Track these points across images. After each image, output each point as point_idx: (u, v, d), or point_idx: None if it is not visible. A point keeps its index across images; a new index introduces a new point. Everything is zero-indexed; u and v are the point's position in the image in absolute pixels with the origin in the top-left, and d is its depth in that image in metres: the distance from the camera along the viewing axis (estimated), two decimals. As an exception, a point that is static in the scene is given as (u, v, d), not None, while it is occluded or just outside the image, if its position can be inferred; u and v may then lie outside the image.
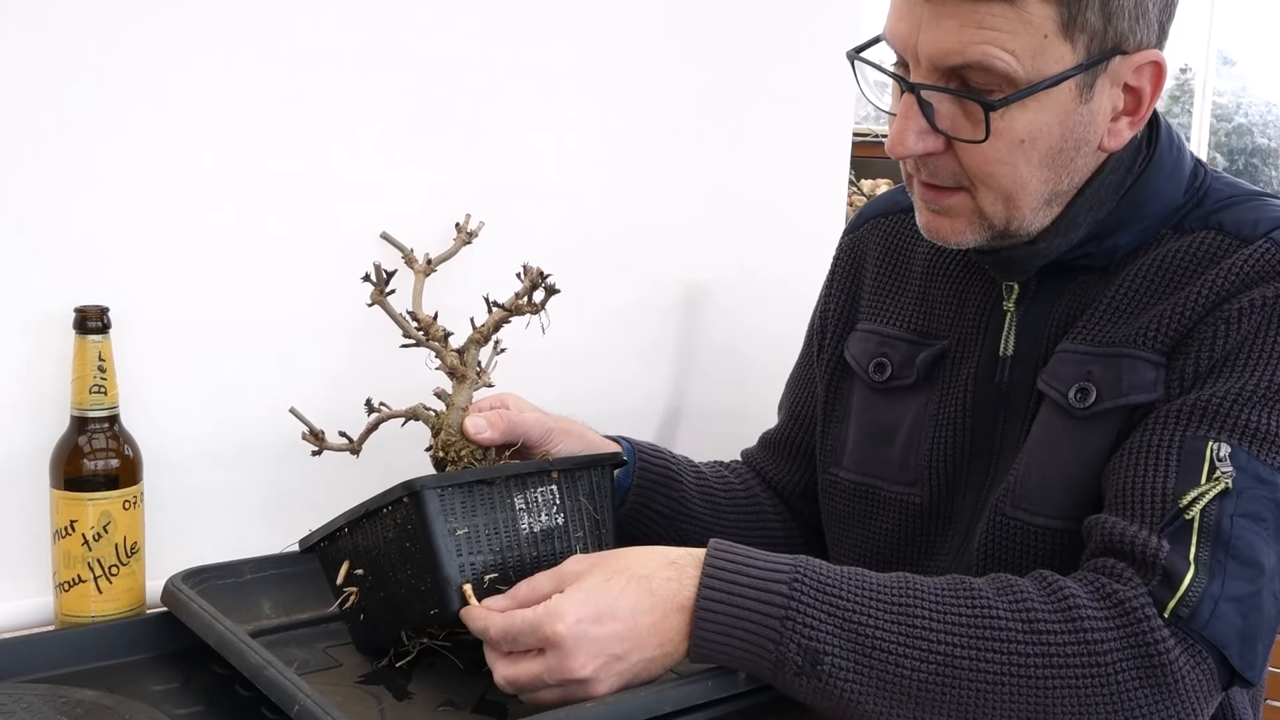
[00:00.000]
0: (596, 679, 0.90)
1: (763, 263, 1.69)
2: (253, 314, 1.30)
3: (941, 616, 0.91)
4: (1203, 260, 1.02)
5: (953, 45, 0.95)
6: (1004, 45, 0.94)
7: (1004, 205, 1.02)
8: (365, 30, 1.33)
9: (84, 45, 1.17)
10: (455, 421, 1.11)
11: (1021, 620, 0.90)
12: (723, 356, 1.67)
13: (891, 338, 1.20)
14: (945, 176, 1.03)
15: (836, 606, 0.90)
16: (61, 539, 1.11)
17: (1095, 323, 1.05)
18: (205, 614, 1.02)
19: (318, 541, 1.07)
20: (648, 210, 1.59)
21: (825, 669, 0.89)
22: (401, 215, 1.34)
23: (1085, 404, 1.02)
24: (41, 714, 0.94)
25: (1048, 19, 0.94)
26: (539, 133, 1.47)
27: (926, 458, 1.14)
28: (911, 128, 1.00)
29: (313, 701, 0.86)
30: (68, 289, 1.16)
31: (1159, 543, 0.91)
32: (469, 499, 0.99)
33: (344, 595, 1.05)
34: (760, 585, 0.91)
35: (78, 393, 1.11)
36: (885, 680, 0.89)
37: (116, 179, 1.21)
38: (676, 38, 1.58)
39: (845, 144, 1.80)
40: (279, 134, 1.29)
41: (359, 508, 1.02)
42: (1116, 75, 0.99)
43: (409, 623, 1.02)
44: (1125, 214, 1.05)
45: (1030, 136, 0.98)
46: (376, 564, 1.02)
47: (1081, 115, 0.99)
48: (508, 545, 1.01)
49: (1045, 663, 0.89)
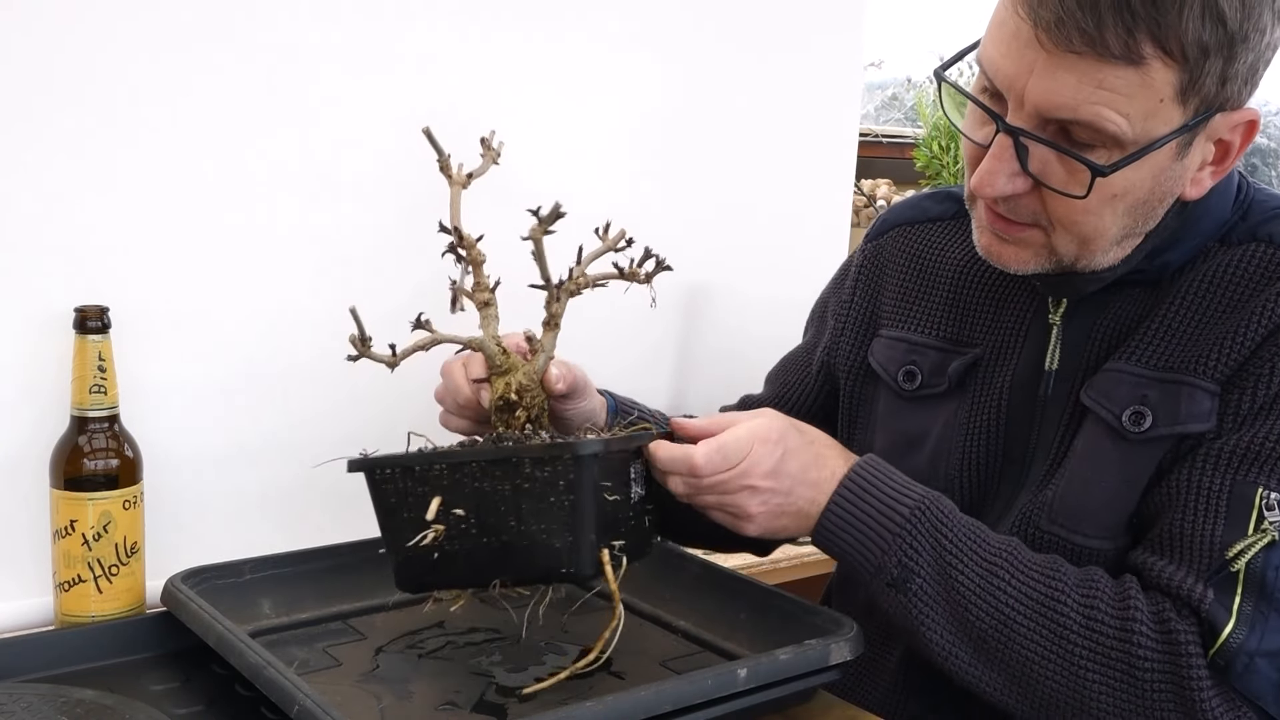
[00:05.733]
0: (763, 497, 1.00)
1: (767, 264, 1.69)
2: (253, 314, 1.30)
3: (1019, 585, 0.99)
4: (1256, 276, 1.02)
5: (1066, 100, 0.92)
6: (1119, 108, 0.91)
7: (1078, 246, 1.01)
8: (368, 31, 1.33)
9: (84, 46, 1.17)
10: (540, 369, 1.06)
11: (1083, 613, 0.97)
12: (725, 357, 1.67)
13: (921, 345, 1.19)
14: (1024, 214, 1.01)
15: (940, 544, 1.00)
16: (61, 539, 1.11)
17: (1150, 343, 1.04)
18: (205, 614, 1.01)
19: (386, 469, 0.97)
20: (651, 212, 1.59)
21: (913, 588, 1.00)
22: (402, 216, 1.35)
23: (1140, 429, 1.01)
24: (41, 714, 0.94)
25: (1168, 84, 0.91)
26: (541, 135, 1.47)
27: (958, 466, 1.13)
28: (1004, 170, 0.97)
29: (312, 701, 0.86)
30: (68, 289, 1.16)
31: (1204, 591, 0.95)
32: (614, 464, 0.98)
33: (423, 533, 0.95)
34: (890, 499, 1.01)
35: (78, 393, 1.11)
36: (955, 617, 0.99)
37: (117, 179, 1.21)
38: (682, 40, 1.58)
39: (851, 146, 1.79)
40: (279, 134, 1.29)
41: (477, 452, 0.96)
42: (1214, 131, 0.97)
43: (520, 575, 0.97)
44: (1180, 232, 1.04)
45: (1124, 192, 0.97)
46: (489, 509, 0.95)
47: (1174, 170, 0.98)
48: (627, 514, 1.00)
49: (1090, 657, 0.96)
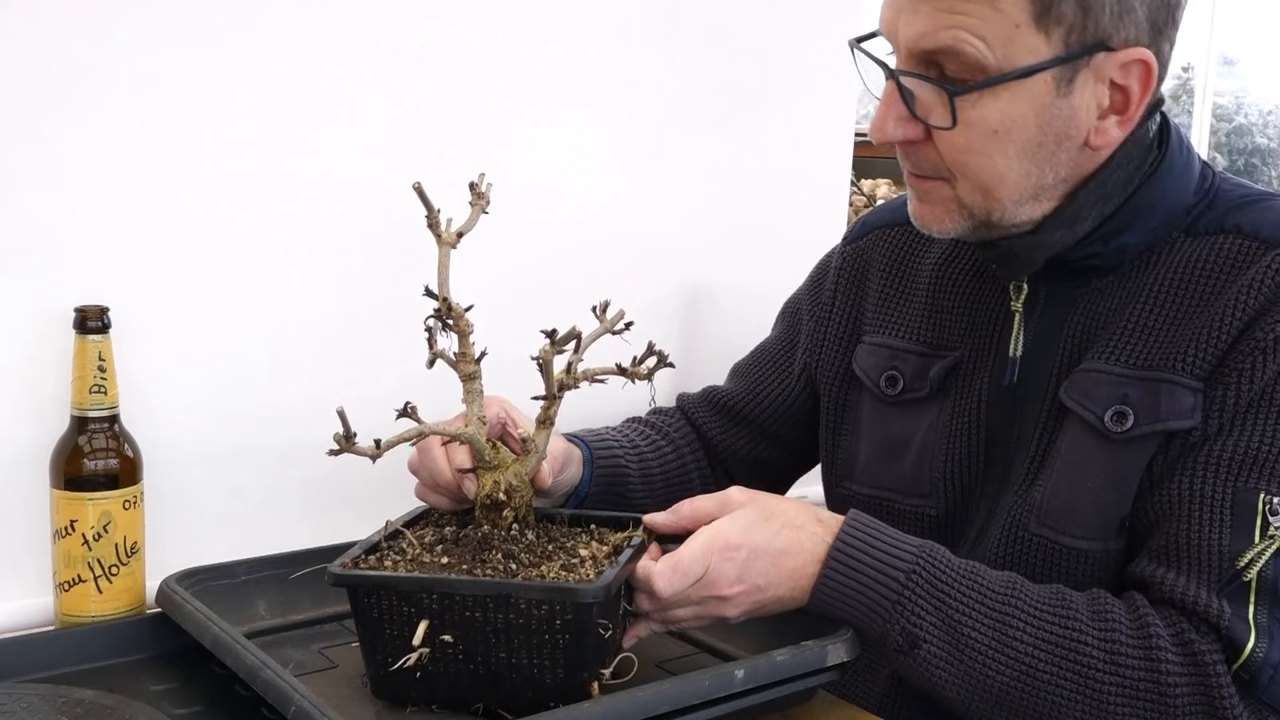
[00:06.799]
0: (736, 601, 0.98)
1: (765, 264, 1.68)
2: (253, 314, 1.30)
3: (1035, 630, 0.96)
4: (1227, 267, 1.02)
5: (926, 29, 0.97)
6: (974, 31, 0.95)
7: (982, 196, 1.03)
8: (367, 31, 1.33)
9: (84, 45, 1.17)
10: (532, 469, 1.02)
11: (1105, 648, 0.95)
12: (722, 358, 1.67)
13: (902, 350, 1.19)
14: (926, 166, 1.04)
15: (943, 602, 0.97)
16: (61, 539, 1.11)
17: (1126, 340, 1.04)
18: (200, 615, 1.01)
19: (371, 586, 0.93)
20: (650, 212, 1.59)
21: (921, 654, 0.97)
22: (403, 217, 1.34)
23: (1122, 428, 1.01)
24: (41, 714, 0.94)
25: (1019, 8, 0.95)
26: (540, 135, 1.47)
27: (941, 469, 1.14)
28: (891, 114, 1.02)
29: (309, 703, 0.86)
30: (68, 289, 1.16)
31: (1220, 605, 0.95)
32: (611, 600, 0.94)
33: (406, 656, 0.92)
34: (882, 564, 0.98)
35: (78, 393, 1.11)
36: (972, 676, 0.96)
37: (116, 179, 1.21)
38: (679, 39, 1.58)
39: (847, 145, 1.79)
40: (280, 135, 1.29)
41: (472, 584, 0.91)
42: (1100, 72, 0.98)
43: (506, 702, 0.94)
44: (1134, 213, 1.05)
45: (1004, 127, 0.98)
46: (478, 639, 0.92)
47: (1060, 110, 0.99)
48: (617, 636, 0.98)
49: (1119, 691, 0.94)
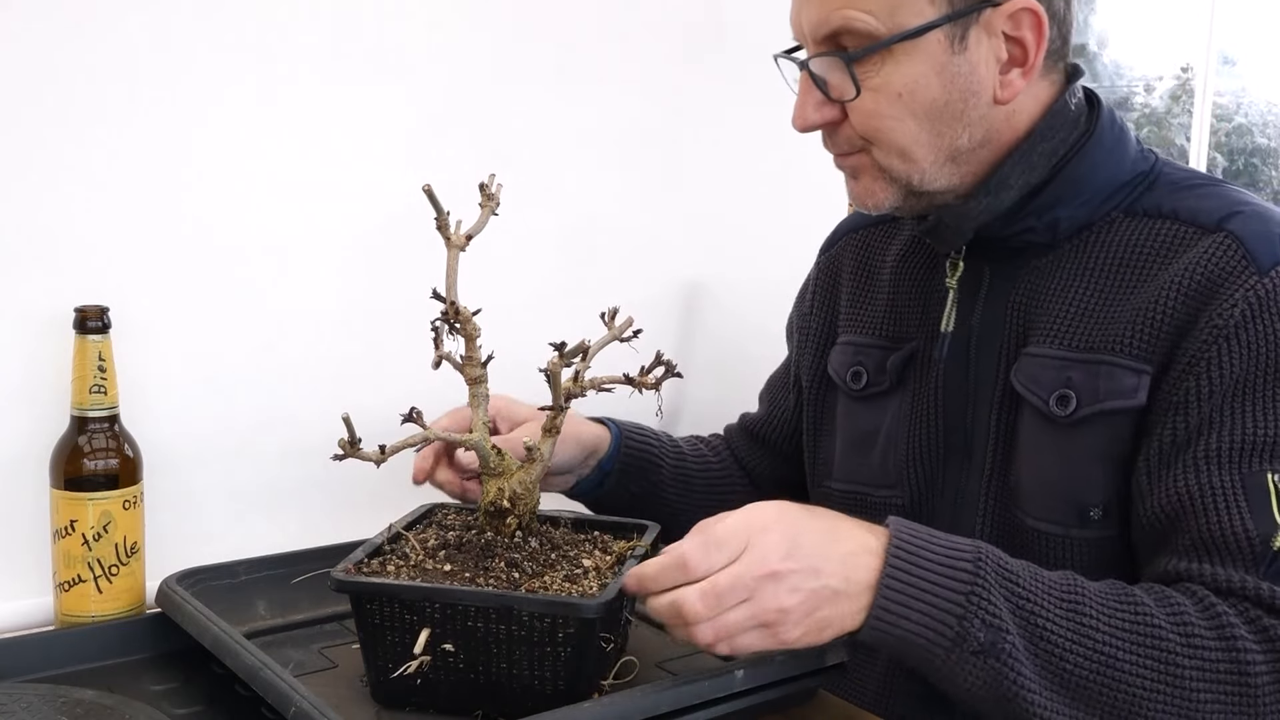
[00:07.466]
0: (786, 589, 0.87)
1: (764, 262, 1.68)
2: (253, 314, 1.30)
3: (1108, 619, 0.92)
4: (1162, 250, 1.04)
5: (820, 16, 1.03)
6: (860, 6, 1.00)
7: (900, 159, 1.05)
8: (365, 32, 1.33)
9: (84, 45, 1.17)
10: (537, 478, 1.01)
11: (1180, 633, 0.92)
12: (723, 356, 1.67)
13: (865, 346, 1.22)
14: (844, 143, 1.08)
15: (1014, 592, 0.91)
16: (61, 539, 1.11)
17: (1067, 322, 1.06)
18: (200, 615, 1.01)
19: (374, 594, 0.93)
20: (649, 210, 1.59)
21: (1005, 649, 0.89)
22: (402, 216, 1.34)
23: (1066, 411, 1.03)
24: (41, 714, 0.94)
25: None
26: (539, 134, 1.48)
27: (904, 457, 1.15)
28: (809, 101, 1.06)
29: (309, 703, 0.86)
30: (68, 289, 1.16)
31: (1270, 589, 0.94)
32: (614, 612, 0.94)
33: (407, 664, 0.92)
34: (946, 557, 0.90)
35: (78, 393, 1.11)
36: (1050, 670, 0.91)
37: (116, 179, 1.21)
38: (677, 37, 1.58)
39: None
40: (279, 135, 1.29)
41: (475, 595, 0.91)
42: (991, 25, 1.02)
43: (506, 711, 0.93)
44: (1064, 186, 1.07)
45: (908, 89, 1.02)
46: (480, 648, 0.92)
47: (960, 67, 1.02)
48: (618, 647, 0.98)
49: (1200, 676, 0.92)
